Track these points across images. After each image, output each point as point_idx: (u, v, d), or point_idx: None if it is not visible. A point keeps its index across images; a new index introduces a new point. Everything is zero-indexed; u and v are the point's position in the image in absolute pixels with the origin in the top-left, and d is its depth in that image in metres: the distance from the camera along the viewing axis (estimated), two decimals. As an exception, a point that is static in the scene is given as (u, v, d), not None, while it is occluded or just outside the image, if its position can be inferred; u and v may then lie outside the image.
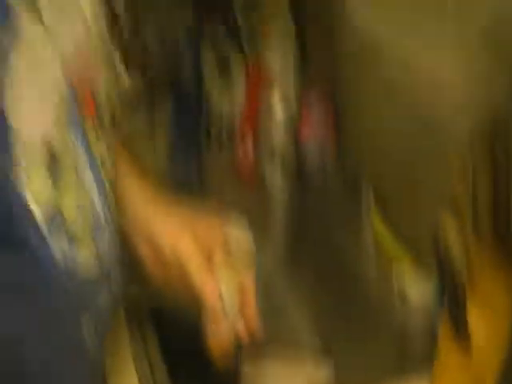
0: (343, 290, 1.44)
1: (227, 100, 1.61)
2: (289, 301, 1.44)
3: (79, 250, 0.73)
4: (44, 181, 0.67)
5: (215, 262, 0.98)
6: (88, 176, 0.75)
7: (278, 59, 1.54)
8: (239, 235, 1.04)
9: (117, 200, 0.87)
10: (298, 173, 1.49)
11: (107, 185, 0.81)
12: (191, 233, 0.98)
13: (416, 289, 1.35)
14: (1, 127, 0.63)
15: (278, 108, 1.47)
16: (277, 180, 1.49)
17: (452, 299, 1.11)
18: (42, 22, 0.67)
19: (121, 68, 0.89)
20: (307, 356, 1.37)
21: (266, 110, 1.49)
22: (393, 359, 1.37)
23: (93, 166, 0.76)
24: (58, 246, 0.70)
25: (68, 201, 0.70)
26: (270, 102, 1.49)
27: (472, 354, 1.08)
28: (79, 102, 0.73)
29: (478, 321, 1.08)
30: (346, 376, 1.34)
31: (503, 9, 1.07)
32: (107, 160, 0.82)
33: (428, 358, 1.19)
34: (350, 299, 1.43)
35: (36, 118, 0.66)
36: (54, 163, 0.69)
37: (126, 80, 0.84)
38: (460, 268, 1.08)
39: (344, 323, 1.40)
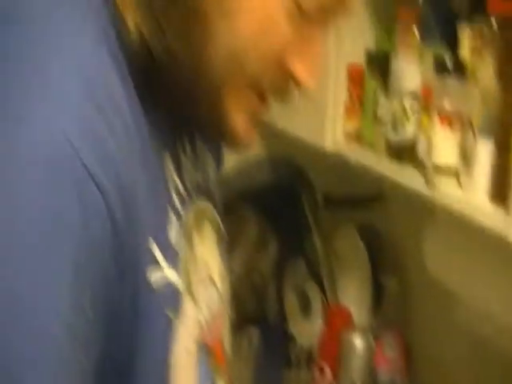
0: None
1: (307, 333, 1.81)
2: None
3: None
4: None
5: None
6: None
7: (356, 299, 1.74)
8: None
9: None
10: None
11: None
12: None
13: None
14: None
15: (357, 342, 1.65)
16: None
17: None
18: (194, 300, 0.74)
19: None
20: None
21: (345, 344, 1.67)
22: None
23: None
24: None
25: None
26: (348, 337, 1.66)
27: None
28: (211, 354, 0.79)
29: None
30: None
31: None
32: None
33: None
34: None
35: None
36: None
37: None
38: None
39: None
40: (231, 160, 0.88)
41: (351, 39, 1.31)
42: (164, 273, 0.68)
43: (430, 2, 1.31)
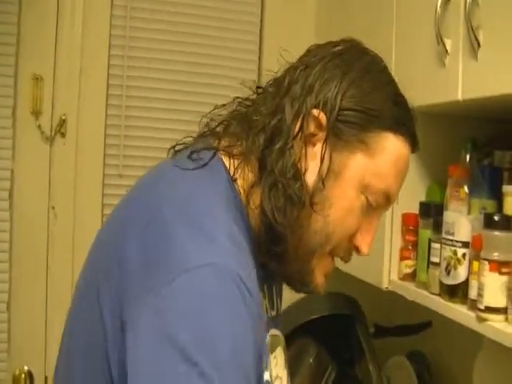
0: None
1: None
2: None
3: None
4: None
5: None
6: None
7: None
8: None
9: None
10: None
11: None
12: None
13: None
14: None
15: None
16: None
17: None
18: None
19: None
20: None
21: None
22: None
23: None
24: None
25: None
26: None
27: None
28: None
29: None
30: None
31: None
32: None
33: None
34: None
35: None
36: None
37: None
38: None
39: None
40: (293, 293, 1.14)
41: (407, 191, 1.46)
42: (266, 376, 0.95)
43: (477, 159, 1.48)
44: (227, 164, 0.99)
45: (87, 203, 2.22)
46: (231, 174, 0.98)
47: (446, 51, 1.39)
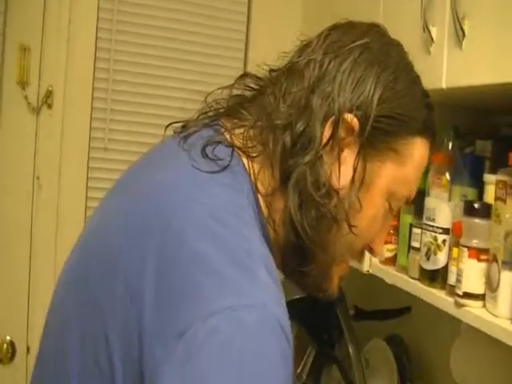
0: None
1: None
2: None
3: None
4: None
5: None
6: None
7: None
8: None
9: None
10: None
11: None
12: None
13: None
14: None
15: None
16: None
17: None
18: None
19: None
20: None
21: None
22: None
23: None
24: None
25: None
26: None
27: None
28: None
29: None
30: None
31: None
32: None
33: None
34: None
35: None
36: None
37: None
38: None
39: None
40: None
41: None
42: None
43: (459, 148, 1.49)
44: (247, 167, 0.89)
45: (72, 175, 2.22)
46: (252, 178, 0.89)
47: (432, 39, 1.39)
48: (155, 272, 0.77)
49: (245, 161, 0.90)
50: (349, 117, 0.89)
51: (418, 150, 0.95)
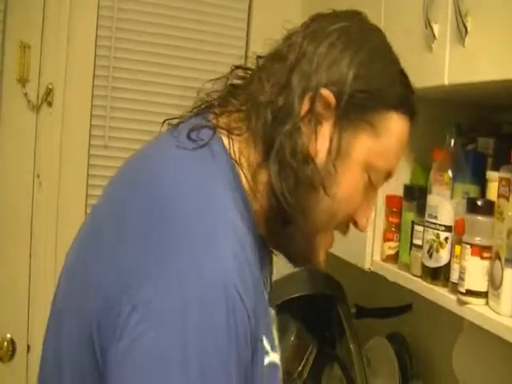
0: None
1: None
2: None
3: None
4: None
5: None
6: None
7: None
8: None
9: None
10: None
11: None
12: None
13: None
14: None
15: None
16: None
17: None
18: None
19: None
20: None
21: None
22: None
23: None
24: None
25: None
26: None
27: None
28: None
29: None
30: None
31: None
32: None
33: None
34: None
35: None
36: None
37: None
38: None
39: None
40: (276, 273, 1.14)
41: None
42: (270, 357, 0.95)
43: (461, 145, 1.48)
44: (226, 143, 0.97)
45: (72, 172, 2.21)
46: (231, 154, 0.96)
47: (434, 36, 1.39)
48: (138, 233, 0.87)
49: (225, 139, 0.97)
50: (325, 92, 0.95)
51: (394, 124, 0.99)
